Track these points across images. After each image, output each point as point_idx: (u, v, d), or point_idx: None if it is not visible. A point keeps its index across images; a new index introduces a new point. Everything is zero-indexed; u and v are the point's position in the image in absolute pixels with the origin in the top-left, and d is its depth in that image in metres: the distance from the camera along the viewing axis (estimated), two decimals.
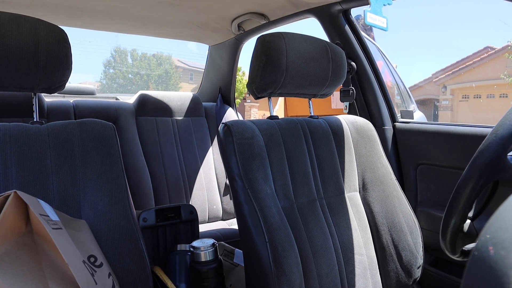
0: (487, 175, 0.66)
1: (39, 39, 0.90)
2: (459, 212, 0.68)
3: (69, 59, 0.98)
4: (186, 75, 23.17)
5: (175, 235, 1.23)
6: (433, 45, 46.09)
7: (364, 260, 1.11)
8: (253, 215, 0.95)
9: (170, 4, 1.67)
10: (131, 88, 22.55)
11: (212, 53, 2.41)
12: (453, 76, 12.00)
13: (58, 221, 0.74)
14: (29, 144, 0.89)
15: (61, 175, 0.89)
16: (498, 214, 0.30)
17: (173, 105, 2.17)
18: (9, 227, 0.68)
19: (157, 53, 24.31)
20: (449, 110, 12.23)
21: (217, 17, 1.91)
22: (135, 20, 1.92)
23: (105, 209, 0.89)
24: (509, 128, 0.64)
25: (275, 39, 1.09)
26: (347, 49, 1.56)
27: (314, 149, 1.14)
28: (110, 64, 23.34)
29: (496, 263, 0.27)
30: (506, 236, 0.28)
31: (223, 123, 1.04)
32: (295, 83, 1.13)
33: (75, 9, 1.73)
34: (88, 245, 0.80)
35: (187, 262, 1.10)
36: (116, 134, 0.98)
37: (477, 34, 49.43)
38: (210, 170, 2.09)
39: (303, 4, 1.58)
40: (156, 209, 1.20)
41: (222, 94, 2.39)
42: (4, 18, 0.87)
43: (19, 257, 0.67)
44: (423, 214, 1.44)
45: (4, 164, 0.86)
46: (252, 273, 0.97)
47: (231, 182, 0.99)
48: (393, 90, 2.58)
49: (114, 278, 0.81)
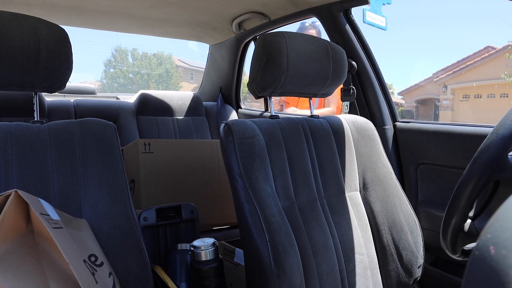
0: (488, 175, 0.66)
1: (39, 39, 0.90)
2: (460, 211, 0.68)
3: (70, 59, 0.98)
4: (187, 75, 23.17)
5: (175, 234, 1.23)
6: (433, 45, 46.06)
7: (364, 260, 1.11)
8: (253, 214, 0.95)
9: (170, 3, 1.67)
10: (132, 88, 22.57)
11: (212, 53, 2.41)
12: (453, 76, 11.98)
13: (58, 220, 0.75)
14: (30, 143, 0.89)
15: (61, 174, 0.89)
16: (499, 213, 0.30)
17: (174, 104, 2.17)
18: (9, 226, 0.68)
19: (157, 52, 24.32)
20: (449, 109, 12.23)
21: (217, 16, 1.91)
22: (136, 20, 1.92)
23: (105, 208, 0.89)
24: (510, 127, 0.64)
25: (275, 38, 1.09)
26: (347, 48, 1.56)
27: (314, 149, 1.14)
28: (111, 64, 23.35)
29: (497, 262, 0.27)
30: (507, 235, 0.28)
31: (223, 122, 1.04)
32: (295, 82, 1.13)
33: (75, 9, 1.73)
34: (89, 244, 0.80)
35: (188, 262, 1.10)
36: (117, 133, 0.98)
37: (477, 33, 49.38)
38: None
39: (303, 3, 1.58)
40: (157, 208, 1.20)
41: (223, 94, 2.40)
42: (4, 17, 0.87)
43: (19, 256, 0.67)
44: (423, 213, 1.44)
45: (5, 163, 0.86)
46: (252, 272, 0.97)
47: (232, 181, 0.99)
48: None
49: (115, 277, 0.81)
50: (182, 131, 2.15)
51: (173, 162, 1.48)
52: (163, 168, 1.46)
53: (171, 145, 1.53)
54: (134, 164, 1.44)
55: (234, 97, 2.39)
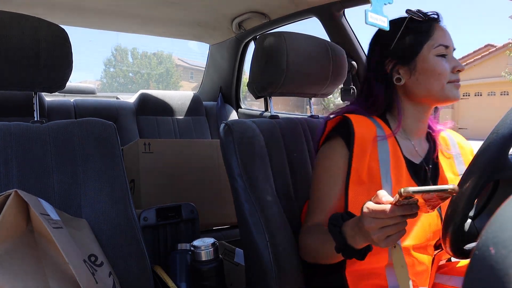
0: (488, 174, 0.66)
1: (39, 38, 0.90)
2: (460, 211, 0.68)
3: (70, 58, 0.98)
4: (187, 74, 23.19)
5: (175, 234, 1.23)
6: None
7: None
8: (253, 214, 0.95)
9: (170, 3, 1.67)
10: (132, 87, 22.58)
11: (212, 52, 2.41)
12: None
13: (58, 220, 0.75)
14: (30, 143, 0.89)
15: (61, 174, 0.89)
16: (499, 213, 0.30)
17: (174, 104, 2.17)
18: (10, 226, 0.68)
19: (157, 52, 24.34)
20: (450, 108, 12.21)
21: (217, 16, 1.91)
22: (136, 19, 1.92)
23: (105, 208, 0.89)
24: (510, 127, 0.64)
25: (275, 38, 1.09)
26: (347, 48, 1.55)
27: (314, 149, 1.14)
28: (111, 63, 23.37)
29: (497, 262, 0.27)
30: (507, 235, 0.28)
31: (223, 122, 1.04)
32: (295, 82, 1.13)
33: (75, 8, 1.73)
34: (89, 244, 0.80)
35: (188, 261, 1.10)
36: (117, 133, 0.98)
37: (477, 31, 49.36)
38: None
39: (303, 3, 1.58)
40: (157, 208, 1.20)
41: (223, 93, 2.39)
42: (5, 17, 0.87)
43: (19, 256, 0.67)
44: None
45: (5, 163, 0.86)
46: (252, 272, 0.97)
47: (232, 181, 0.99)
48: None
49: (115, 277, 0.81)
50: (182, 131, 2.14)
51: (173, 162, 1.48)
52: (163, 168, 1.46)
53: (171, 145, 1.52)
54: (134, 164, 1.44)
55: (234, 97, 2.38)
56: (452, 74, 0.88)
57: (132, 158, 1.46)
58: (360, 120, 0.89)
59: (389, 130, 0.91)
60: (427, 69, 0.88)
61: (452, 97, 0.88)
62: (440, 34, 0.89)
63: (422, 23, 0.89)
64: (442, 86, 0.87)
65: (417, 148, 0.94)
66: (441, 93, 0.88)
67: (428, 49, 0.88)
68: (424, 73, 0.88)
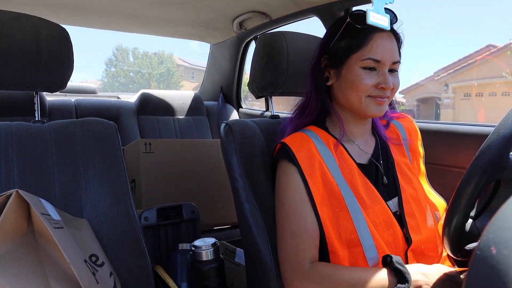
0: (489, 174, 0.66)
1: (41, 38, 0.90)
2: (461, 211, 0.68)
3: (71, 58, 0.98)
4: (188, 74, 23.19)
5: (176, 234, 1.23)
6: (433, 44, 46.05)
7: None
8: (254, 214, 0.94)
9: (172, 3, 1.67)
10: (133, 87, 22.58)
11: (213, 52, 2.40)
12: (454, 75, 11.95)
13: (59, 220, 0.75)
14: (31, 143, 0.89)
15: (62, 174, 0.89)
16: (500, 213, 0.30)
17: (175, 104, 2.17)
18: (10, 226, 0.68)
19: (158, 51, 24.34)
20: (451, 108, 12.20)
21: (218, 15, 1.91)
22: (137, 19, 1.92)
23: (106, 208, 0.89)
24: (511, 127, 0.64)
25: (276, 38, 1.09)
26: None
27: None
28: (112, 63, 23.38)
29: (498, 262, 0.27)
30: (508, 235, 0.28)
31: (224, 122, 1.04)
32: (296, 82, 1.13)
33: (77, 8, 1.73)
34: (90, 244, 0.80)
35: (189, 261, 1.10)
36: (118, 133, 0.98)
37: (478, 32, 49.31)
38: None
39: (305, 3, 1.58)
40: (158, 208, 1.20)
41: (224, 93, 2.39)
42: (6, 17, 0.87)
43: (20, 256, 0.67)
44: None
45: (6, 163, 0.86)
46: (253, 272, 0.97)
47: (232, 181, 0.99)
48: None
49: (116, 277, 0.81)
50: (183, 130, 2.15)
51: (174, 162, 1.48)
52: (164, 168, 1.46)
53: (172, 145, 1.53)
54: (135, 164, 1.44)
55: (235, 96, 2.38)
56: (375, 89, 0.85)
57: (133, 158, 1.46)
58: (297, 140, 0.89)
59: (329, 138, 0.90)
60: (349, 79, 0.86)
61: (369, 112, 0.86)
62: (375, 46, 0.83)
63: (360, 30, 0.84)
64: (360, 99, 0.85)
65: (363, 147, 0.93)
66: (358, 105, 0.86)
67: (356, 59, 0.84)
68: (346, 82, 0.87)
